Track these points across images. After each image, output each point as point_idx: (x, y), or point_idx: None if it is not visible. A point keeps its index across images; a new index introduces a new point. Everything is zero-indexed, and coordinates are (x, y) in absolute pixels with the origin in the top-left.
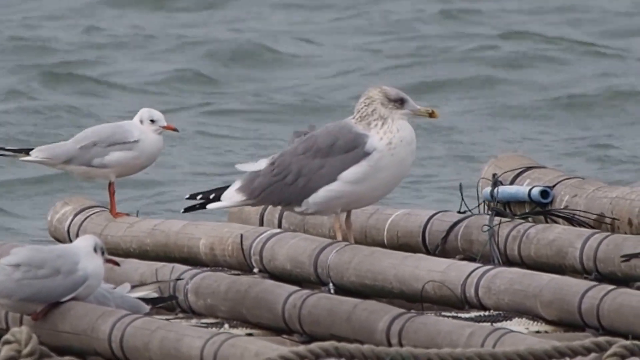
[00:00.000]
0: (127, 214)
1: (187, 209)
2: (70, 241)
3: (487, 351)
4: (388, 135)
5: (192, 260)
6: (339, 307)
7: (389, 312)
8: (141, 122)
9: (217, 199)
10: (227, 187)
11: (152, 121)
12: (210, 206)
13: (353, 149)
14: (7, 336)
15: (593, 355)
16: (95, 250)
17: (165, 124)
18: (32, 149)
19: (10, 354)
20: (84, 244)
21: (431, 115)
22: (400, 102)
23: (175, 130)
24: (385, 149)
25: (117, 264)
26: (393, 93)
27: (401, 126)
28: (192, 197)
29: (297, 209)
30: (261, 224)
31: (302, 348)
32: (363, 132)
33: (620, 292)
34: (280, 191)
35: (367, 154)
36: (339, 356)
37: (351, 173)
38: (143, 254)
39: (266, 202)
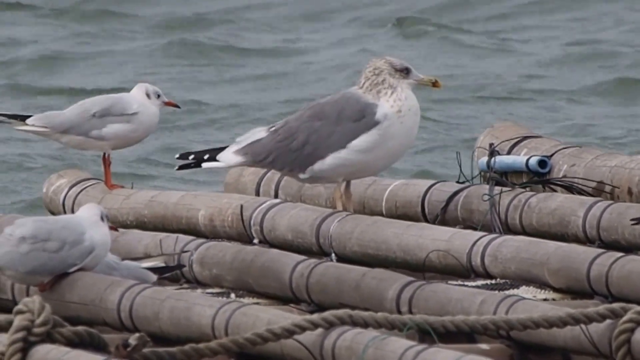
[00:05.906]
0: (122, 186)
1: (182, 167)
2: (65, 213)
3: (501, 318)
4: (398, 103)
5: (190, 231)
6: (347, 275)
7: (398, 280)
8: (147, 95)
9: (211, 159)
10: (222, 148)
11: (159, 96)
12: (205, 165)
13: (362, 117)
14: (20, 306)
15: (608, 321)
16: (102, 218)
17: (167, 100)
18: (29, 116)
19: (23, 323)
20: (89, 213)
21: (434, 84)
22: (405, 72)
23: (177, 106)
24: (395, 116)
25: (115, 229)
26: (398, 63)
27: (409, 95)
28: (183, 156)
29: (301, 176)
30: (257, 194)
31: (315, 316)
32: (372, 102)
33: (629, 259)
34: (285, 156)
35: (377, 123)
36: (353, 324)
37: (361, 141)
38: (141, 226)
39: (268, 166)
